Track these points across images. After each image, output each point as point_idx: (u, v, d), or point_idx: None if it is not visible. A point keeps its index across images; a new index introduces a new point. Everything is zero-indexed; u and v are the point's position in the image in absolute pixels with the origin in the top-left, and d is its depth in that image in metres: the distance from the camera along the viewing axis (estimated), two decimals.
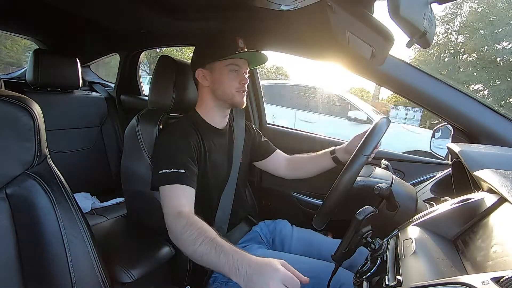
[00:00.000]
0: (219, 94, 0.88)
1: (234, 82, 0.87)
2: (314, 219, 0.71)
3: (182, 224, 0.67)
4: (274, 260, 0.56)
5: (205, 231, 0.64)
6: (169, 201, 0.74)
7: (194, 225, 0.66)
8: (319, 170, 1.03)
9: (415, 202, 0.67)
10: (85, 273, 0.55)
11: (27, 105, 0.50)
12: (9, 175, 0.50)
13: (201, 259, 0.62)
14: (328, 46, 1.00)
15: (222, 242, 0.61)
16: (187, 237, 0.64)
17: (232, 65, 0.87)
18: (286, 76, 20.34)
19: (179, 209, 0.71)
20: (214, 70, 0.87)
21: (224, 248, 0.60)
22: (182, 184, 0.75)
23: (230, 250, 0.59)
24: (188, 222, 0.67)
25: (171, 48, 6.22)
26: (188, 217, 0.68)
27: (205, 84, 0.89)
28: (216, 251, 0.59)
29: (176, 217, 0.69)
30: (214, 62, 0.86)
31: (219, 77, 0.87)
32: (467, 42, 13.00)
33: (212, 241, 0.61)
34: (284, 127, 1.46)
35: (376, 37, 0.62)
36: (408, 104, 8.46)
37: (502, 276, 0.28)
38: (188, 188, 0.76)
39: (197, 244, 0.62)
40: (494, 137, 0.84)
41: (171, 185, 0.75)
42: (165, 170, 0.76)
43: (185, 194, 0.75)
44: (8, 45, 6.17)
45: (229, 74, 0.87)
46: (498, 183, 0.46)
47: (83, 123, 1.59)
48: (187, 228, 0.65)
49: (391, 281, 0.45)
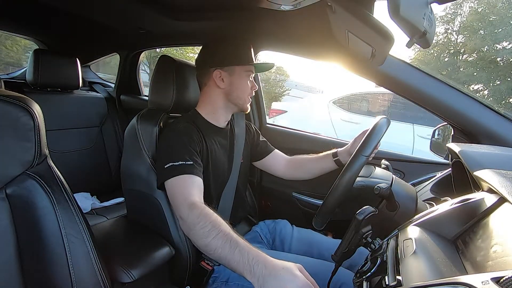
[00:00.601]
0: (233, 98, 0.90)
1: (248, 87, 0.91)
2: (314, 219, 0.71)
3: (195, 214, 0.65)
4: (292, 264, 0.54)
5: (219, 224, 0.62)
6: (180, 192, 0.72)
7: (207, 216, 0.64)
8: (319, 172, 1.03)
9: (415, 202, 0.67)
10: (85, 273, 0.55)
11: (27, 105, 0.50)
12: (9, 175, 0.50)
13: (214, 253, 0.60)
14: (328, 46, 1.00)
15: (237, 237, 0.60)
16: (200, 229, 0.62)
17: (249, 72, 0.90)
18: (286, 76, 20.33)
19: (191, 199, 0.69)
20: (233, 73, 0.88)
21: (239, 244, 0.58)
22: (192, 174, 0.74)
23: (245, 247, 0.57)
24: (201, 213, 0.65)
25: (171, 48, 6.22)
26: (202, 208, 0.66)
27: (221, 85, 0.89)
28: (231, 247, 0.58)
29: (190, 208, 0.67)
30: (234, 65, 0.88)
31: (238, 81, 0.89)
32: (467, 42, 13.01)
33: (226, 236, 0.60)
34: (284, 127, 1.46)
35: (376, 37, 0.62)
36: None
37: (502, 276, 0.28)
38: (197, 178, 0.75)
39: (210, 237, 0.60)
40: (494, 137, 0.84)
41: (181, 175, 0.73)
42: (172, 163, 0.75)
43: (196, 184, 0.74)
44: (8, 45, 6.18)
45: (246, 79, 0.90)
46: (498, 183, 0.46)
47: (83, 123, 1.59)
48: (200, 219, 0.63)
49: (391, 281, 0.45)
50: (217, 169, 0.90)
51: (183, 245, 0.83)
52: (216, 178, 0.90)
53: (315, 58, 1.12)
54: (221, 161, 0.92)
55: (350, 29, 0.70)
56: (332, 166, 0.99)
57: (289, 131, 1.41)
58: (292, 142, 1.33)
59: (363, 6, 0.63)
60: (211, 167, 0.88)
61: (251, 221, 1.03)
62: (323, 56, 1.08)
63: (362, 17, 0.62)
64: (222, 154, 0.93)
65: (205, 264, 0.83)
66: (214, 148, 0.90)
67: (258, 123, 1.41)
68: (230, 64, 0.88)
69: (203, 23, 1.14)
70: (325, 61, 1.09)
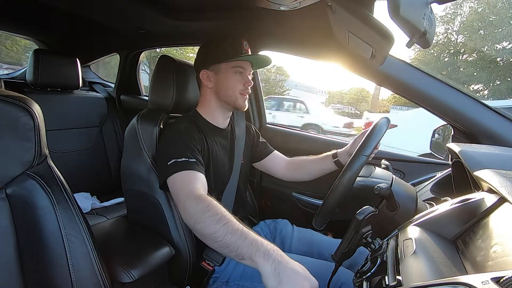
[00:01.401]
0: (223, 96, 0.89)
1: (238, 84, 0.88)
2: (314, 219, 0.71)
3: (204, 204, 0.63)
4: (310, 274, 0.54)
5: (229, 215, 0.62)
6: (184, 186, 0.70)
7: (217, 207, 0.63)
8: (319, 173, 1.03)
9: (415, 202, 0.67)
10: (85, 273, 0.55)
11: (27, 105, 0.50)
12: (9, 175, 0.50)
13: (222, 239, 0.57)
14: (328, 46, 1.00)
15: (249, 229, 0.59)
16: (209, 217, 0.61)
17: (237, 67, 0.87)
18: (286, 76, 20.35)
19: (197, 192, 0.67)
20: (219, 71, 0.87)
21: (251, 233, 0.57)
22: (195, 170, 0.73)
23: (258, 237, 0.57)
24: (210, 204, 0.63)
25: (171, 48, 6.23)
26: (211, 200, 0.65)
27: (209, 85, 0.89)
28: (242, 234, 0.57)
29: (197, 199, 0.65)
30: (219, 63, 0.87)
31: (224, 78, 0.87)
32: (467, 42, 13.02)
33: (237, 225, 0.59)
34: (284, 126, 1.46)
35: (376, 37, 0.62)
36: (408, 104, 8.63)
37: (502, 276, 0.28)
38: (200, 175, 0.74)
39: (220, 223, 0.59)
40: (494, 137, 0.84)
41: (184, 171, 0.72)
42: (176, 159, 0.74)
43: (200, 180, 0.73)
44: (8, 45, 6.19)
45: (234, 76, 0.87)
46: (498, 183, 0.46)
47: (83, 123, 1.59)
48: (210, 208, 0.62)
49: (391, 281, 0.45)
50: (218, 169, 0.90)
51: (183, 245, 0.83)
52: (217, 178, 0.90)
53: (315, 58, 1.12)
54: (222, 162, 0.92)
55: (350, 29, 0.70)
56: (332, 167, 0.99)
57: (289, 131, 1.41)
58: (292, 142, 1.33)
59: (363, 6, 0.63)
60: (212, 167, 0.88)
61: (251, 221, 1.03)
62: (323, 56, 1.08)
63: (362, 17, 0.62)
64: (223, 155, 0.93)
65: (206, 265, 0.83)
66: (215, 148, 0.90)
67: (258, 123, 1.41)
68: (214, 62, 0.87)
69: (203, 23, 1.15)
70: (325, 61, 1.09)
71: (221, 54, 0.87)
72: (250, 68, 0.91)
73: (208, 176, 0.87)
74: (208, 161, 0.87)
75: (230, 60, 0.86)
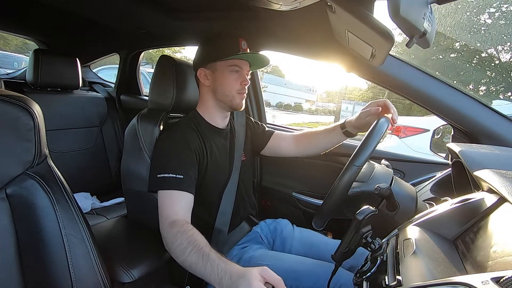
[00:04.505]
0: (219, 95, 0.88)
1: (235, 82, 0.87)
2: (314, 220, 0.71)
3: (173, 233, 0.68)
4: (253, 270, 0.55)
5: (195, 240, 0.65)
6: (164, 209, 0.74)
7: (184, 234, 0.66)
8: (329, 145, 0.99)
9: (415, 202, 0.67)
10: (85, 273, 0.55)
11: (27, 105, 0.50)
12: (9, 175, 0.50)
13: (190, 269, 0.63)
14: (328, 46, 1.00)
15: (210, 251, 0.62)
16: (177, 247, 0.65)
17: (234, 66, 0.87)
18: (282, 76, 20.30)
19: (173, 217, 0.71)
20: (216, 70, 0.87)
21: (210, 258, 0.60)
22: (180, 190, 0.75)
23: (216, 260, 0.59)
24: (179, 231, 0.67)
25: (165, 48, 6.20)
26: (181, 226, 0.69)
27: (206, 83, 0.89)
28: (203, 261, 0.60)
29: (169, 226, 0.70)
30: (216, 62, 0.86)
31: (221, 77, 0.87)
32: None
33: (200, 250, 0.62)
34: (284, 126, 1.46)
35: (376, 37, 0.62)
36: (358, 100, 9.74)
37: (502, 276, 0.28)
38: (185, 194, 0.76)
39: (186, 254, 0.63)
40: (494, 137, 0.84)
41: (169, 190, 0.75)
42: (163, 174, 0.76)
43: (182, 200, 0.75)
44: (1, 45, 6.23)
45: (231, 75, 0.87)
46: (498, 183, 0.46)
47: (83, 123, 1.59)
48: (177, 237, 0.66)
49: (391, 281, 0.45)
50: (217, 170, 0.90)
51: None
52: (217, 179, 0.90)
53: (315, 58, 1.12)
54: (221, 163, 0.92)
55: (350, 29, 0.70)
56: (342, 138, 0.96)
57: (289, 131, 1.41)
58: None
59: (363, 6, 0.63)
60: (211, 169, 0.88)
61: (252, 221, 1.03)
62: (323, 56, 1.08)
63: (362, 17, 0.62)
64: (223, 155, 0.93)
65: None
66: (213, 150, 0.89)
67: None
68: (211, 60, 0.87)
69: (203, 23, 1.14)
70: (325, 61, 1.09)
71: (218, 52, 0.86)
72: (247, 68, 0.90)
73: (207, 178, 0.87)
74: (206, 164, 0.86)
75: (227, 58, 0.85)
